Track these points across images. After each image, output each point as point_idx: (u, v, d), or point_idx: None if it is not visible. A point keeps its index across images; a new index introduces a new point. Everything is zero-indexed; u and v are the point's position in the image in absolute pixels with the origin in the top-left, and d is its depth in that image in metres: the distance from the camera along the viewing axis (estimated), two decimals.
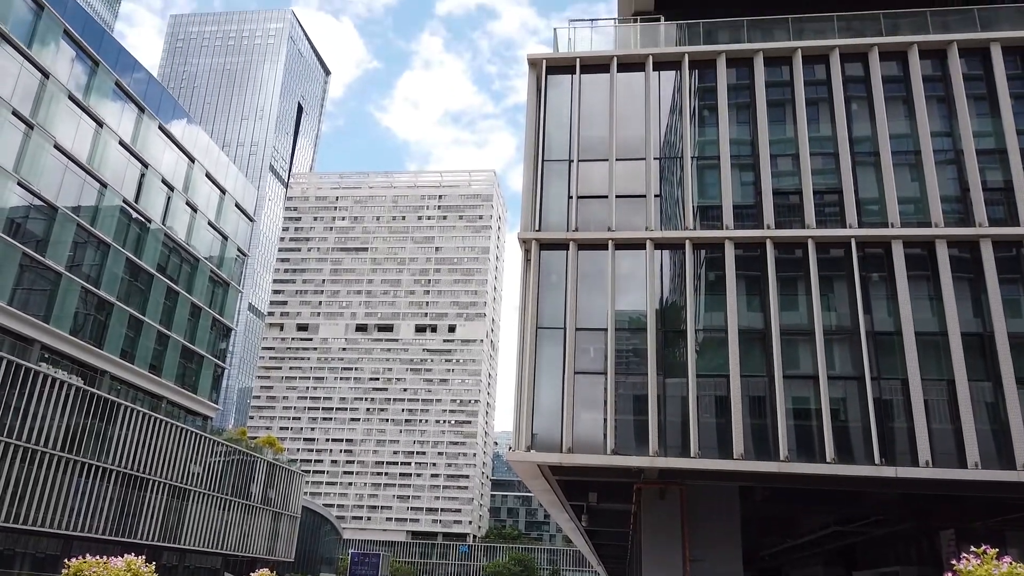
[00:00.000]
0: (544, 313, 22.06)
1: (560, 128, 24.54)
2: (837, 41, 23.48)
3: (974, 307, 20.62)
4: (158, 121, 53.92)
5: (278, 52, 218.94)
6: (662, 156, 23.80)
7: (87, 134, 46.65)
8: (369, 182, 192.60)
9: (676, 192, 23.26)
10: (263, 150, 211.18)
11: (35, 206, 42.41)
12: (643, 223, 22.48)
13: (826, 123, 23.24)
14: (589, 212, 23.19)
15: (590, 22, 27.39)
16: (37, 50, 42.33)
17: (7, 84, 40.26)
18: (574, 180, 23.60)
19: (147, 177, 52.61)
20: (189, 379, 58.22)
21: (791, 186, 22.54)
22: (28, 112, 41.59)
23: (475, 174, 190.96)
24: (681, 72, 24.35)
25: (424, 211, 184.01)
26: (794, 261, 21.74)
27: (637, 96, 24.48)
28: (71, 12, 45.61)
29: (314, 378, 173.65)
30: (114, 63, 49.20)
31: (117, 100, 49.78)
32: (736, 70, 24.44)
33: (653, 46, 25.36)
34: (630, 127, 24.12)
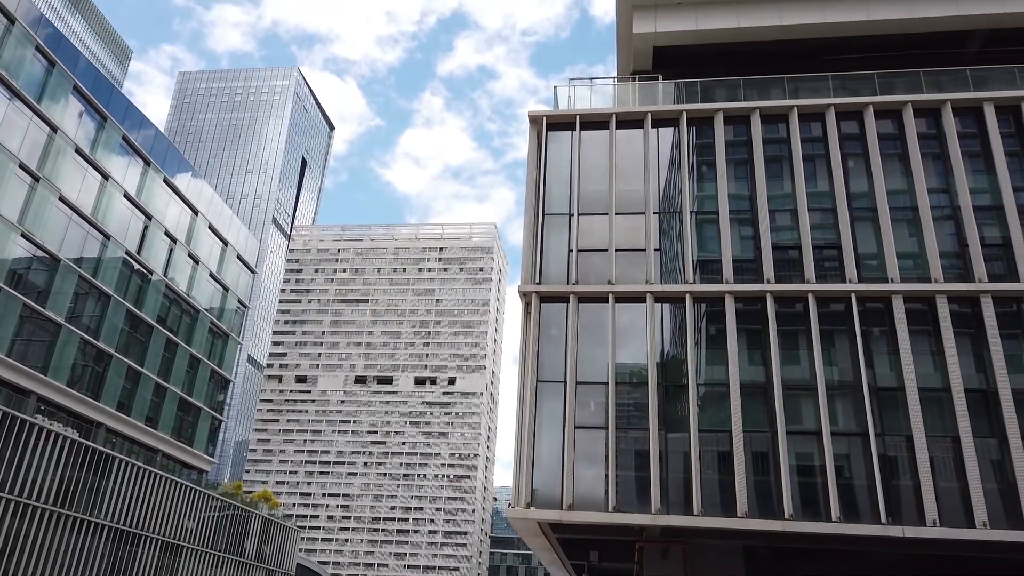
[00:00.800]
0: (544, 366, 21.95)
1: (560, 182, 24.80)
2: (833, 100, 23.90)
3: (976, 363, 20.50)
4: (163, 174, 54.57)
5: (283, 107, 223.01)
6: (661, 210, 23.99)
7: (92, 187, 47.16)
8: (371, 234, 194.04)
9: (676, 246, 23.38)
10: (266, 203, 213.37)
11: (38, 257, 42.62)
12: (643, 276, 22.53)
13: (823, 179, 23.49)
14: (589, 265, 23.27)
15: (589, 81, 27.94)
16: (47, 105, 43.10)
17: (15, 138, 40.86)
18: (574, 233, 23.74)
19: (150, 229, 52.99)
20: (186, 432, 57.61)
21: (790, 241, 22.66)
22: (35, 165, 42.11)
23: (476, 227, 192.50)
24: (679, 129, 24.73)
25: (425, 263, 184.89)
26: (795, 315, 21.72)
27: (636, 152, 24.81)
28: (82, 68, 46.59)
29: (312, 431, 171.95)
30: (122, 118, 50.05)
31: (124, 154, 50.48)
32: (734, 127, 24.82)
33: (652, 104, 25.82)
34: (630, 182, 24.38)
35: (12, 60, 40.88)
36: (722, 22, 26.46)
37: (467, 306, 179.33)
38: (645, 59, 28.33)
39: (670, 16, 26.84)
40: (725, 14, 26.51)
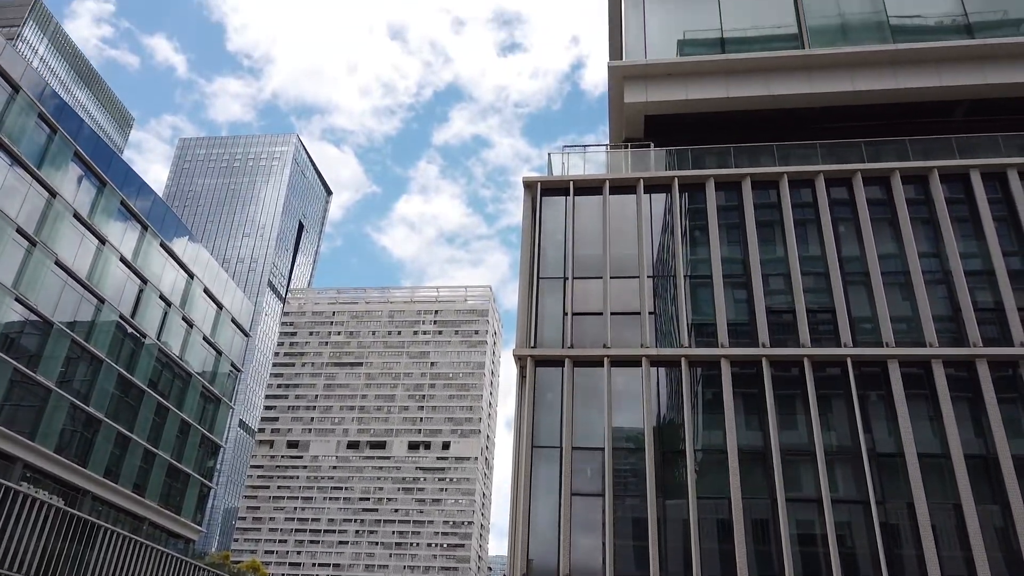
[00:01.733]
0: (540, 431, 21.70)
1: (555, 246, 25.00)
2: (821, 167, 24.35)
3: (975, 427, 20.36)
4: (160, 238, 54.86)
5: (282, 172, 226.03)
6: (655, 274, 24.13)
7: (89, 251, 47.32)
8: (366, 297, 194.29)
9: (670, 309, 23.44)
10: (262, 266, 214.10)
11: (31, 321, 42.42)
12: (638, 340, 22.50)
13: (815, 243, 23.73)
14: (584, 329, 23.27)
15: (583, 148, 28.47)
16: (47, 171, 43.58)
17: (14, 203, 41.19)
18: (569, 297, 23.82)
19: (145, 293, 52.96)
20: (174, 499, 56.37)
21: (784, 305, 22.74)
22: (32, 230, 42.32)
23: (471, 290, 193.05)
24: (672, 194, 25.10)
25: (420, 326, 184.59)
26: (791, 379, 21.64)
27: (629, 217, 25.11)
28: (83, 135, 47.32)
29: (303, 498, 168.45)
30: (121, 183, 50.59)
31: (122, 218, 50.84)
32: (725, 192, 25.20)
33: (644, 170, 26.27)
34: (623, 246, 24.59)
35: (15, 127, 41.53)
36: (711, 92, 27.11)
37: (462, 369, 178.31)
38: (637, 127, 28.93)
39: (661, 86, 27.50)
40: (714, 84, 27.18)
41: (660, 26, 28.82)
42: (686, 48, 28.52)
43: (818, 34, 27.00)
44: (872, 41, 26.13)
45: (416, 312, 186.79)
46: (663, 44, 28.52)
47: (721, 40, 27.91)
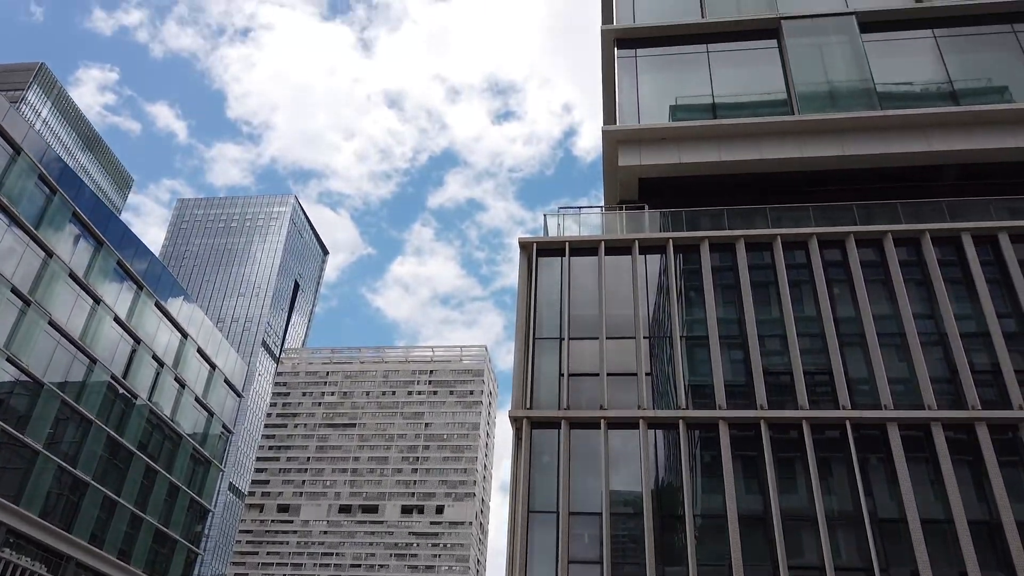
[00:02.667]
0: (536, 495, 21.30)
1: (551, 307, 25.02)
2: (815, 229, 24.60)
3: (977, 492, 20.06)
4: (155, 298, 54.79)
5: (279, 232, 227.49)
6: (652, 335, 24.09)
7: (83, 310, 47.17)
8: (361, 357, 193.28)
9: (667, 370, 23.32)
10: (257, 326, 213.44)
11: (21, 382, 41.97)
12: (635, 401, 22.32)
13: (810, 305, 23.80)
14: (581, 390, 23.11)
15: (578, 209, 28.75)
16: (44, 231, 43.79)
17: (10, 263, 41.24)
18: (565, 358, 23.71)
19: (138, 353, 52.60)
20: (160, 566, 54.83)
21: (781, 366, 22.66)
22: (27, 289, 42.27)
23: (466, 349, 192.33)
24: (667, 255, 25.27)
25: (415, 386, 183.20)
26: (790, 442, 21.40)
27: (625, 277, 25.21)
28: (82, 196, 47.71)
29: (292, 564, 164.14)
30: (118, 243, 50.79)
31: (117, 278, 50.87)
32: (719, 254, 25.38)
33: (639, 231, 26.49)
34: (619, 306, 24.62)
35: (15, 188, 41.89)
36: (704, 156, 27.56)
37: (457, 430, 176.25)
38: (631, 189, 29.30)
39: (654, 150, 27.97)
40: (707, 148, 27.66)
41: (652, 92, 29.48)
42: (678, 113, 29.12)
43: (807, 100, 27.61)
44: (860, 107, 26.73)
45: (411, 372, 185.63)
46: (656, 109, 29.13)
47: (713, 105, 28.53)
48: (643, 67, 30.02)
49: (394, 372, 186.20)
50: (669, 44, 30.24)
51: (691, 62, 29.76)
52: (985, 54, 27.67)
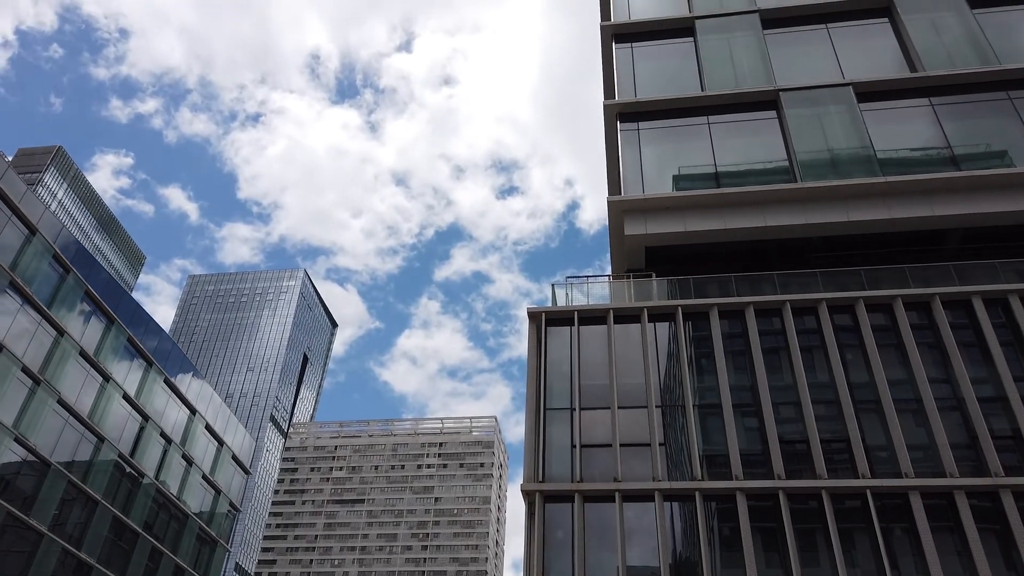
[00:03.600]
0: (550, 573, 20.70)
1: (561, 377, 24.86)
2: (824, 295, 24.59)
3: (1006, 561, 19.40)
4: (164, 375, 54.77)
5: (288, 306, 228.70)
6: (664, 404, 23.83)
7: (92, 388, 47.14)
8: (369, 430, 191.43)
9: (681, 440, 22.98)
10: (265, 400, 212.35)
11: (28, 462, 41.62)
12: (650, 473, 21.91)
13: (823, 371, 23.58)
14: (594, 462, 22.74)
15: (585, 279, 28.91)
16: (56, 309, 44.18)
17: (22, 342, 41.46)
18: (576, 429, 23.42)
19: (146, 430, 52.27)
20: None
21: (797, 434, 22.30)
22: (37, 368, 42.36)
23: (476, 421, 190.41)
24: (676, 322, 25.24)
25: (424, 459, 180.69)
26: (810, 512, 20.86)
27: (634, 346, 25.11)
28: (94, 274, 48.29)
29: None
30: (129, 320, 51.12)
31: (127, 355, 50.99)
32: (728, 321, 25.33)
33: (647, 299, 26.53)
34: (630, 375, 24.45)
35: (29, 268, 42.48)
36: (709, 224, 27.79)
37: (467, 504, 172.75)
38: (638, 258, 29.50)
39: (659, 219, 28.25)
40: (711, 216, 27.93)
41: (656, 162, 29.97)
42: (681, 182, 29.52)
43: (809, 168, 28.00)
44: (861, 174, 27.07)
45: (420, 445, 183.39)
46: (659, 179, 29.54)
47: (716, 174, 28.94)
48: (645, 139, 30.62)
49: (403, 445, 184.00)
50: (670, 116, 30.91)
51: (693, 133, 30.37)
52: (982, 120, 28.14)
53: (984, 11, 31.12)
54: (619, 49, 33.39)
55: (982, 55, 29.54)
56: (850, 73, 30.15)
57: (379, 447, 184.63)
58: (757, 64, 31.03)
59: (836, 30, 31.69)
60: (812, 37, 31.79)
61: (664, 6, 34.57)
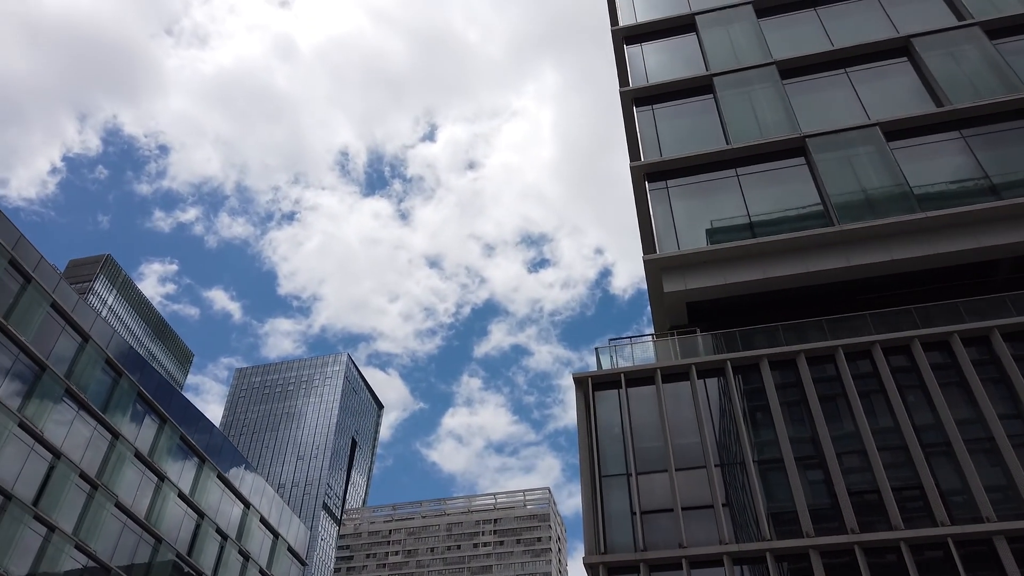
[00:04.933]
0: None
1: (613, 442, 24.42)
2: (876, 337, 23.97)
3: None
4: (217, 470, 55.07)
5: (334, 392, 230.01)
6: (722, 462, 23.17)
7: (148, 489, 47.54)
8: (422, 512, 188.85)
9: (743, 498, 22.22)
10: (317, 488, 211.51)
11: (89, 568, 41.77)
12: (715, 536, 21.14)
13: (884, 415, 22.79)
14: (656, 528, 22.05)
15: (629, 339, 28.64)
16: (111, 414, 45.05)
17: (78, 448, 42.21)
18: (635, 494, 22.82)
19: (202, 528, 52.28)
20: None
21: (866, 484, 21.41)
22: (95, 473, 42.96)
23: (529, 494, 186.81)
24: (726, 377, 24.76)
25: (479, 537, 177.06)
26: (889, 566, 19.84)
27: (685, 404, 24.64)
28: (146, 376, 49.31)
29: None
30: (180, 418, 51.85)
31: (180, 453, 51.51)
32: (780, 371, 24.77)
33: (694, 355, 26.13)
34: (684, 435, 23.91)
35: (83, 375, 43.58)
36: (748, 275, 27.52)
37: None
38: (680, 314, 29.23)
39: (698, 274, 28.08)
40: (750, 267, 27.67)
41: (688, 218, 29.96)
42: (716, 235, 29.41)
43: (845, 210, 27.71)
44: (899, 211, 26.71)
45: (474, 523, 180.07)
46: (693, 234, 29.48)
47: (750, 224, 28.80)
48: (675, 196, 30.73)
49: (457, 524, 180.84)
50: (698, 172, 31.06)
51: (722, 186, 30.41)
52: (1017, 146, 27.72)
53: (1003, 41, 31.09)
54: (640, 112, 33.92)
55: (1006, 82, 29.34)
56: (875, 114, 30.12)
57: (433, 528, 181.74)
58: (780, 113, 31.21)
59: (855, 73, 31.84)
60: (832, 83, 31.98)
61: (680, 67, 35.18)
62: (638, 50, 36.85)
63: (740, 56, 34.18)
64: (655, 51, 36.68)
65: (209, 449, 54.72)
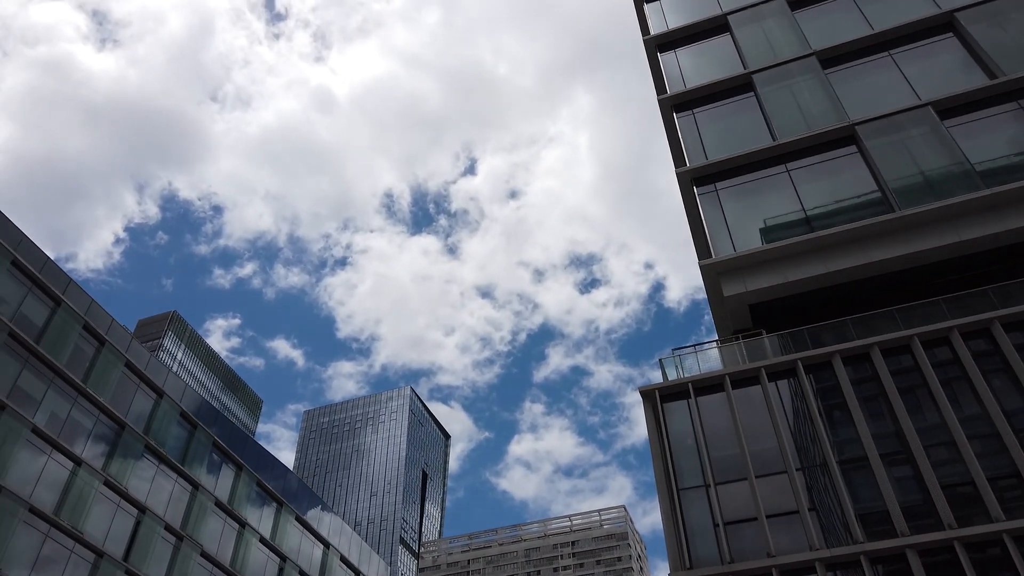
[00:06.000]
0: None
1: (687, 453, 23.93)
2: (954, 322, 23.04)
3: None
4: (295, 513, 55.89)
5: (400, 426, 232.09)
6: (803, 465, 22.47)
7: (231, 537, 48.48)
8: (499, 539, 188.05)
9: (828, 501, 21.48)
10: (392, 523, 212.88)
11: None
12: (804, 542, 20.45)
13: (970, 403, 21.82)
14: (741, 538, 21.46)
15: (693, 347, 28.19)
16: (189, 465, 46.24)
17: (162, 501, 43.38)
18: (715, 505, 22.27)
19: (286, 571, 53.01)
20: None
21: (958, 476, 20.46)
22: (179, 524, 44.03)
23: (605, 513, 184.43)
24: (798, 377, 24.09)
25: (559, 561, 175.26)
26: (993, 561, 18.86)
27: (758, 409, 24.04)
28: (219, 425, 50.53)
29: None
30: (255, 465, 52.88)
31: (258, 499, 52.48)
32: (853, 366, 23.99)
33: (762, 358, 25.51)
34: (760, 441, 23.30)
35: (160, 430, 44.90)
36: (810, 270, 26.84)
37: None
38: (743, 318, 28.62)
39: (757, 275, 27.51)
40: (810, 262, 26.99)
41: (741, 219, 29.44)
42: (771, 234, 28.82)
43: (904, 194, 26.86)
44: (963, 190, 25.73)
45: (552, 547, 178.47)
46: (747, 235, 28.93)
47: (806, 219, 28.14)
48: (725, 198, 30.26)
49: (535, 550, 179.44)
50: (746, 172, 30.55)
51: (773, 183, 29.82)
52: None
53: None
54: (681, 118, 33.61)
55: None
56: (925, 93, 29.23)
57: (511, 554, 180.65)
58: (825, 103, 30.55)
59: (900, 55, 31.01)
60: (877, 67, 31.19)
61: (717, 69, 34.78)
62: (672, 57, 36.62)
63: (778, 50, 33.64)
64: (690, 56, 36.40)
65: (285, 493, 55.61)
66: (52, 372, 39.29)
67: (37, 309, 39.49)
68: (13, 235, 39.32)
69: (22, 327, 38.20)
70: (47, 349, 39.10)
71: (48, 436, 37.94)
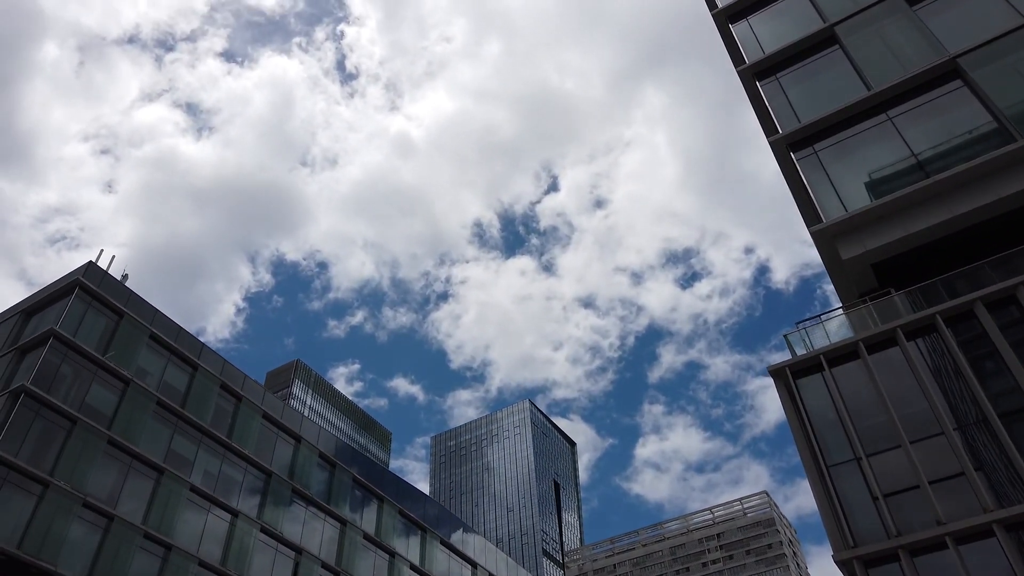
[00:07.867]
0: None
1: (830, 427, 22.93)
2: None
3: None
4: (439, 536, 57.10)
5: (525, 438, 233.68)
6: (959, 424, 21.09)
7: (383, 567, 50.03)
8: (642, 540, 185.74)
9: (993, 458, 20.05)
10: (532, 536, 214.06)
11: None
12: (976, 505, 19.14)
13: None
14: (903, 509, 20.34)
15: (818, 318, 27.06)
16: (334, 503, 48.09)
17: (315, 541, 45.28)
18: (871, 478, 21.19)
19: None
20: None
21: None
22: (334, 561, 45.81)
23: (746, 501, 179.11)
24: (938, 332, 22.68)
25: (707, 555, 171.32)
26: None
27: (899, 371, 22.78)
28: (356, 462, 52.37)
29: None
30: (395, 495, 54.43)
31: (403, 527, 53.96)
32: (996, 313, 22.39)
33: (895, 318, 24.18)
34: (907, 405, 22.06)
35: (303, 473, 46.95)
36: (932, 218, 25.28)
37: None
38: (866, 279, 27.25)
39: (875, 232, 26.14)
40: (931, 210, 25.43)
41: (845, 177, 28.16)
42: (879, 187, 27.37)
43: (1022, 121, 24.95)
44: None
45: (697, 541, 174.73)
46: (856, 193, 27.62)
47: (919, 164, 26.58)
48: (826, 158, 28.99)
49: (680, 547, 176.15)
50: (844, 128, 29.18)
51: (875, 134, 28.35)
52: None
53: None
54: (765, 85, 32.52)
55: None
56: None
57: (657, 554, 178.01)
58: (920, 42, 28.83)
59: None
60: None
61: (794, 28, 33.47)
62: (745, 25, 35.52)
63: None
64: (763, 20, 35.20)
65: (427, 519, 56.94)
66: (200, 432, 41.85)
67: (178, 376, 42.22)
68: (147, 312, 42.26)
69: (167, 394, 40.90)
70: (192, 411, 41.69)
71: (205, 492, 40.35)
